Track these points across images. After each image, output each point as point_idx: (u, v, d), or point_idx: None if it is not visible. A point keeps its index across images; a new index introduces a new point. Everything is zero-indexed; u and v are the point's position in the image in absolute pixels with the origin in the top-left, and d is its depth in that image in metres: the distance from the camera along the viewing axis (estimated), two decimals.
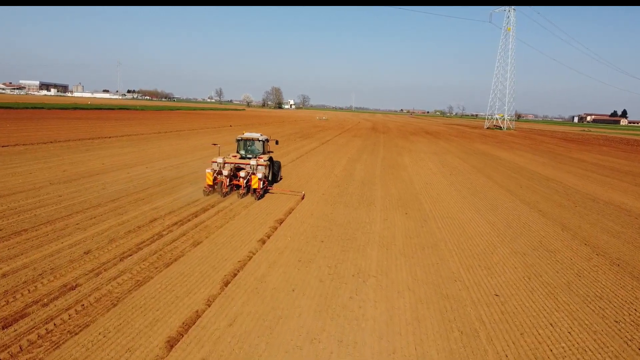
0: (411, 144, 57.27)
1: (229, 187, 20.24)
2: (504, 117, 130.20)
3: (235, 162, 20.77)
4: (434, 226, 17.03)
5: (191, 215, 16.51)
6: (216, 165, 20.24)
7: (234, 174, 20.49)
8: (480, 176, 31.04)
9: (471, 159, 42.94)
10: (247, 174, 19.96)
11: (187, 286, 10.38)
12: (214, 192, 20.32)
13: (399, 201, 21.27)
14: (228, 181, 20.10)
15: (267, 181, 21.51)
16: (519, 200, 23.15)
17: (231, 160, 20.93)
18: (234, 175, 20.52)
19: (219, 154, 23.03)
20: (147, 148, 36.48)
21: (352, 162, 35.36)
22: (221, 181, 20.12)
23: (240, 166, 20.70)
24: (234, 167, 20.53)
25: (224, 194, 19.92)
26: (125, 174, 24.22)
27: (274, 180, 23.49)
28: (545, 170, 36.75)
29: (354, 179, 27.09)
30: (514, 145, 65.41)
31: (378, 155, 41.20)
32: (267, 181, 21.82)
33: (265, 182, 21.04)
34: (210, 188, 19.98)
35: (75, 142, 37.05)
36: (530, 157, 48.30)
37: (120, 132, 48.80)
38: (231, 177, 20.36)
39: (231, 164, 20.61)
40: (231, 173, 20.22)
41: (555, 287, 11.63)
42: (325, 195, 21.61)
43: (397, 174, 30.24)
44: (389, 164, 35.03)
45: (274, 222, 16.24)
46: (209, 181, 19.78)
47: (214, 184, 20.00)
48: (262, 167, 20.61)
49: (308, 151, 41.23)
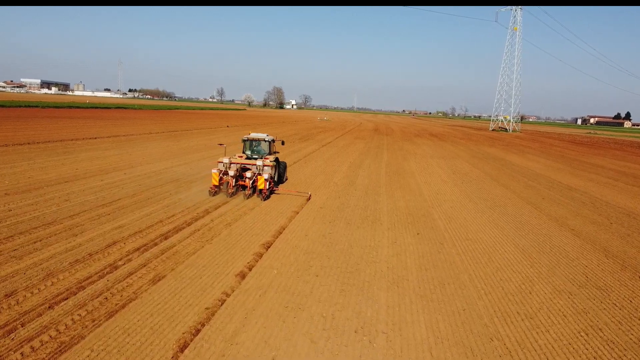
0: (416, 147, 54.36)
1: (234, 188, 20.05)
2: (509, 118, 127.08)
3: (242, 163, 20.64)
4: (453, 252, 14.16)
5: (160, 237, 13.65)
6: (222, 165, 20.11)
7: (240, 174, 20.29)
8: (496, 185, 28.14)
9: (482, 164, 40.03)
10: (253, 174, 19.92)
11: (125, 356, 7.51)
12: (220, 192, 20.13)
13: (409, 217, 18.40)
14: (234, 181, 19.94)
15: (273, 182, 21.18)
16: (545, 215, 20.27)
17: (237, 160, 20.78)
18: (239, 175, 20.31)
19: (224, 154, 22.53)
20: (132, 151, 33.66)
21: (354, 167, 32.50)
22: (227, 181, 20.03)
23: (246, 166, 20.61)
24: (240, 168, 20.33)
25: (230, 194, 19.73)
26: (98, 181, 21.40)
27: (280, 181, 23.42)
28: (564, 177, 33.83)
29: (356, 188, 24.22)
30: (523, 149, 62.45)
31: (382, 160, 38.33)
32: (273, 182, 21.45)
33: (272, 182, 20.76)
34: (216, 188, 19.85)
35: (55, 144, 34.23)
36: (544, 162, 45.36)
37: (108, 133, 46.00)
38: (237, 178, 20.17)
39: (237, 165, 20.40)
40: (237, 173, 20.03)
41: (626, 348, 8.75)
42: (324, 209, 18.76)
43: (404, 182, 27.37)
44: (394, 170, 32.16)
45: (260, 246, 13.40)
46: (215, 181, 19.66)
47: (220, 185, 19.88)
48: (268, 168, 20.55)
49: (307, 154, 38.38)
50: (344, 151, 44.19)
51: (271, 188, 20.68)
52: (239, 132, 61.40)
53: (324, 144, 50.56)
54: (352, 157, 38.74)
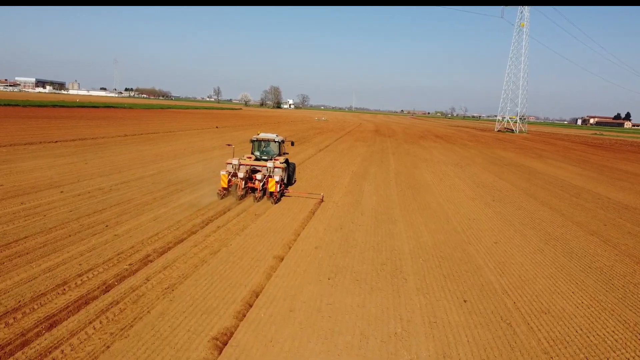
0: (425, 151, 48.77)
1: (244, 190, 19.23)
2: (516, 119, 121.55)
3: (251, 164, 19.88)
4: (534, 342, 8.57)
5: (62, 310, 8.03)
6: (231, 167, 19.41)
7: (249, 176, 19.52)
8: (535, 204, 22.56)
9: (504, 173, 34.44)
10: (264, 176, 19.04)
11: None
12: (228, 195, 19.28)
13: (442, 263, 12.83)
14: (243, 184, 19.17)
15: (283, 184, 20.33)
16: (626, 256, 14.72)
17: (247, 162, 20.01)
18: (249, 177, 19.52)
19: (233, 155, 21.19)
20: (92, 158, 27.98)
21: (357, 179, 26.90)
22: (236, 183, 19.22)
23: (256, 168, 19.82)
24: (249, 170, 19.62)
25: (240, 197, 18.98)
26: (16, 205, 15.78)
27: (289, 182, 22.58)
28: (608, 190, 28.30)
29: (362, 211, 18.64)
30: (540, 152, 56.88)
31: (389, 168, 32.72)
32: (283, 183, 20.46)
33: (282, 185, 20.01)
34: (225, 191, 19.13)
35: (0, 149, 28.52)
36: (572, 169, 39.81)
37: (75, 135, 40.18)
38: (247, 180, 19.34)
39: (247, 166, 19.67)
40: (247, 175, 19.29)
41: None
42: (320, 251, 13.17)
43: (421, 199, 21.80)
44: (406, 182, 26.57)
45: (209, 347, 7.77)
46: (223, 184, 19.00)
47: (228, 187, 19.20)
48: (279, 170, 19.64)
49: (301, 162, 32.74)
50: (345, 157, 38.56)
51: (282, 190, 19.85)
52: (229, 133, 55.77)
53: (321, 148, 44.93)
54: (354, 165, 33.12)
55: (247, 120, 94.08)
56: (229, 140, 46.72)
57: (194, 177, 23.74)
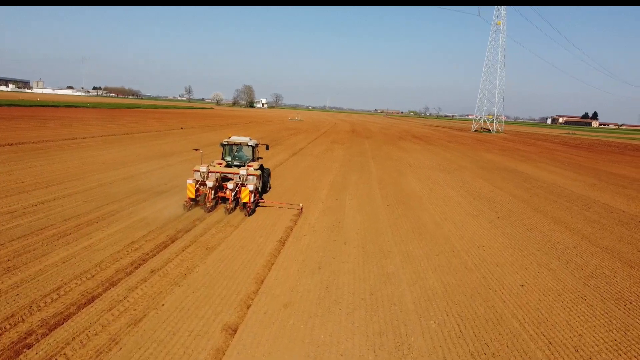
0: (406, 154, 45.42)
1: (214, 201, 17.31)
2: (493, 118, 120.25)
3: (222, 172, 18.07)
4: None
5: None
6: (199, 174, 17.41)
7: (219, 184, 17.83)
8: (548, 222, 19.24)
9: (498, 179, 31.27)
10: (236, 185, 17.40)
11: None
12: (197, 206, 17.19)
13: (461, 323, 9.13)
14: (213, 193, 17.30)
15: (258, 193, 18.37)
16: None
17: (217, 169, 18.14)
18: (219, 186, 17.83)
19: (201, 161, 19.05)
20: (24, 167, 23.30)
21: (336, 190, 23.12)
22: (204, 193, 17.23)
23: (227, 176, 18.11)
24: (219, 178, 17.88)
25: (208, 209, 16.92)
26: None
27: (264, 190, 20.63)
28: (615, 200, 25.38)
29: (346, 239, 14.83)
30: (526, 155, 54.39)
31: (372, 176, 29.08)
32: (258, 192, 18.51)
33: (257, 194, 18.09)
34: (192, 202, 17.13)
35: None
36: (566, 173, 37.09)
37: (15, 139, 34.71)
38: (216, 189, 17.56)
39: (217, 174, 17.82)
40: (217, 184, 17.54)
41: None
42: (290, 317, 9.26)
43: (415, 217, 18.19)
44: (393, 194, 22.95)
45: None
46: (190, 194, 17.02)
47: (196, 197, 17.20)
48: (253, 178, 17.82)
49: (272, 169, 28.74)
50: (321, 162, 34.73)
51: (256, 200, 18.02)
52: (195, 135, 51.21)
53: (295, 152, 40.97)
54: (332, 173, 29.33)
55: (216, 121, 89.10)
56: (194, 143, 42.28)
57: (141, 190, 19.48)
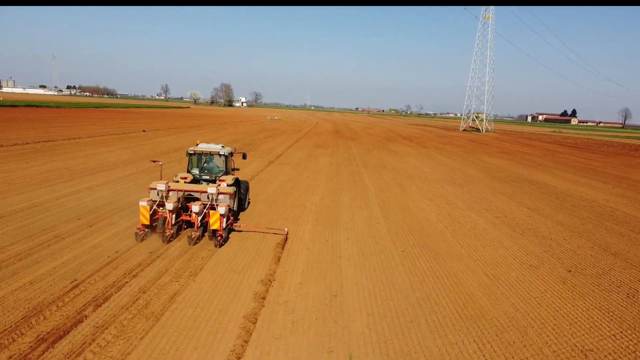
0: (402, 161, 39.15)
1: (174, 227, 13.27)
2: (482, 117, 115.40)
3: (185, 190, 13.78)
4: None
5: None
6: (156, 193, 13.35)
7: (183, 205, 13.75)
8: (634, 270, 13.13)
9: (523, 196, 25.17)
10: (204, 207, 13.45)
11: None
12: (153, 234, 13.10)
13: None
14: (174, 218, 13.27)
15: (231, 216, 14.30)
16: None
17: (179, 186, 13.81)
18: (183, 207, 13.80)
19: (160, 176, 15.27)
20: None
21: (324, 223, 16.63)
22: (163, 217, 13.13)
23: (192, 195, 13.88)
24: (183, 197, 13.66)
25: (167, 239, 12.86)
26: None
27: (240, 208, 16.49)
28: None
29: (348, 338, 8.35)
30: (530, 158, 48.75)
31: (368, 194, 22.65)
32: (233, 214, 14.57)
33: (231, 218, 14.09)
34: (146, 229, 13.09)
35: None
36: (591, 183, 31.33)
37: None
38: (179, 212, 13.60)
39: (179, 192, 13.59)
40: (179, 205, 13.47)
41: None
42: None
43: (449, 277, 11.82)
44: (405, 228, 16.58)
45: None
46: (144, 219, 12.94)
47: (151, 223, 13.08)
48: (225, 197, 13.60)
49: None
50: (303, 174, 28.16)
51: (230, 225, 13.85)
52: (156, 139, 44.02)
53: (271, 160, 34.26)
54: (317, 192, 22.78)
55: (188, 121, 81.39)
56: (151, 149, 35.20)
57: (54, 225, 12.54)
